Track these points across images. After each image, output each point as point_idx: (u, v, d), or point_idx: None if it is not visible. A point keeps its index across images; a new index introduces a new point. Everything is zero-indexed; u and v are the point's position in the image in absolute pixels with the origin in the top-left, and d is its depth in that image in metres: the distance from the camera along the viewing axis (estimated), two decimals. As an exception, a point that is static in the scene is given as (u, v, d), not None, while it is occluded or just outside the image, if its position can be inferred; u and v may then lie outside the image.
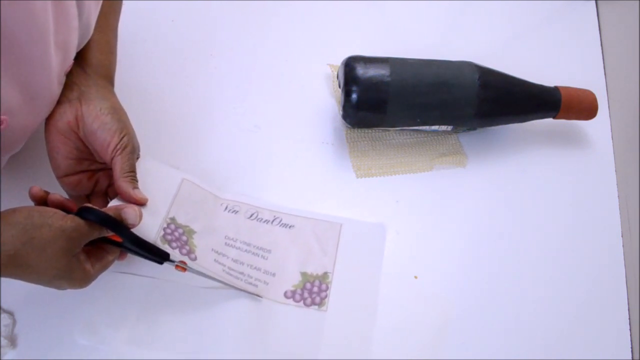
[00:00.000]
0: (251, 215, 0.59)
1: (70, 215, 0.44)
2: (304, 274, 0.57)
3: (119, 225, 0.47)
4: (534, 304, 0.59)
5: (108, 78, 0.55)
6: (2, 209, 0.55)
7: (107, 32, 0.56)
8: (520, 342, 0.57)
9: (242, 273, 0.55)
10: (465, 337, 0.56)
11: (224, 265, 0.55)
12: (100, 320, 0.52)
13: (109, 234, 0.47)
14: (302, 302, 0.55)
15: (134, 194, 0.50)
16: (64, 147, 0.51)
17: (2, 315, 0.51)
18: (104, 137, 0.50)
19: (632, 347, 0.58)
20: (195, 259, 0.53)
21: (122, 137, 0.50)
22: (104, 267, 0.48)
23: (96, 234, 0.46)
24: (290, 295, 0.56)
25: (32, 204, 0.48)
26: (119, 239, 0.47)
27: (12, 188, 0.58)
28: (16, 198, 0.57)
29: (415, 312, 0.57)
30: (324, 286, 0.56)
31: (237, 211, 0.59)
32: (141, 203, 0.51)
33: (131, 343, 0.52)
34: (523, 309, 0.58)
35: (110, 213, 0.47)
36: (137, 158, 0.54)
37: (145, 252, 0.49)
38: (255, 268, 0.56)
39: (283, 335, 0.53)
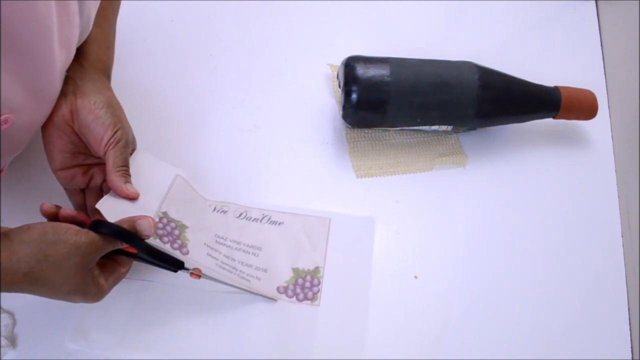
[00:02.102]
0: (240, 215, 0.60)
1: (84, 230, 0.44)
2: (295, 270, 0.57)
3: (134, 237, 0.46)
4: (534, 303, 0.59)
5: (105, 72, 0.55)
6: (3, 209, 0.56)
7: (105, 27, 0.56)
8: (520, 342, 0.57)
9: (234, 268, 0.55)
10: (465, 337, 0.56)
11: (217, 260, 0.55)
12: (89, 324, 0.52)
13: (123, 246, 0.47)
14: (294, 297, 0.55)
15: (125, 188, 0.50)
16: (58, 141, 0.51)
17: (2, 315, 0.51)
18: (97, 130, 0.50)
19: (632, 347, 0.58)
20: (187, 253, 0.52)
21: (116, 131, 0.50)
22: (117, 280, 0.48)
23: (110, 247, 0.46)
24: (283, 290, 0.56)
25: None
26: (133, 250, 0.47)
27: (13, 187, 0.58)
28: (17, 197, 0.57)
29: (415, 312, 0.57)
30: (315, 281, 0.57)
31: (226, 211, 0.59)
32: (132, 198, 0.50)
33: (121, 346, 0.51)
34: (523, 309, 0.58)
35: (124, 225, 0.46)
36: (133, 151, 0.54)
37: (160, 261, 0.48)
38: (246, 265, 0.56)
39: (277, 330, 0.53)
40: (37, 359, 0.51)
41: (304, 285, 0.56)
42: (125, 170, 0.50)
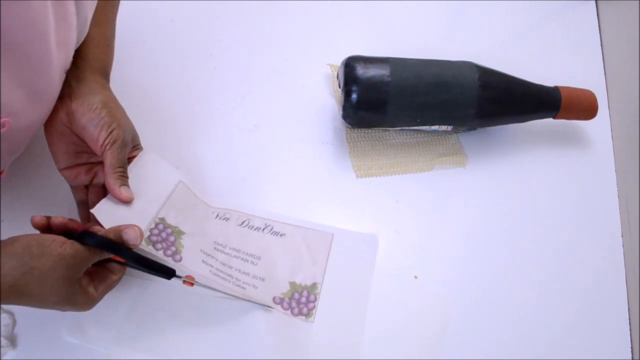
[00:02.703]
0: (242, 223, 0.59)
1: (70, 242, 0.44)
2: (292, 284, 0.56)
3: (120, 248, 0.46)
4: (534, 303, 0.59)
5: (102, 71, 0.54)
6: (3, 209, 0.56)
7: (103, 25, 0.56)
8: (520, 342, 0.57)
9: (230, 275, 0.55)
10: (465, 337, 0.56)
11: (212, 267, 0.54)
12: (88, 318, 0.52)
13: (111, 255, 0.47)
14: (289, 310, 0.55)
15: (119, 192, 0.50)
16: (60, 143, 0.51)
17: (2, 315, 0.51)
18: (92, 131, 0.49)
19: (632, 347, 0.58)
20: (180, 260, 0.52)
21: (111, 132, 0.49)
22: (109, 288, 0.48)
23: (96, 257, 0.46)
24: (279, 302, 0.55)
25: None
26: (122, 259, 0.47)
27: (14, 187, 0.58)
28: (19, 197, 0.57)
29: (415, 312, 0.57)
30: (312, 297, 0.56)
31: (228, 218, 0.59)
32: (126, 201, 0.50)
33: (117, 344, 0.51)
34: (523, 309, 0.58)
35: (111, 235, 0.46)
36: (139, 150, 0.54)
37: (150, 269, 0.48)
38: (244, 273, 0.56)
39: (269, 341, 0.53)
40: (37, 359, 0.51)
41: (300, 300, 0.55)
42: (121, 171, 0.50)
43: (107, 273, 0.48)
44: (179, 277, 0.50)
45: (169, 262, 0.51)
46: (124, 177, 0.50)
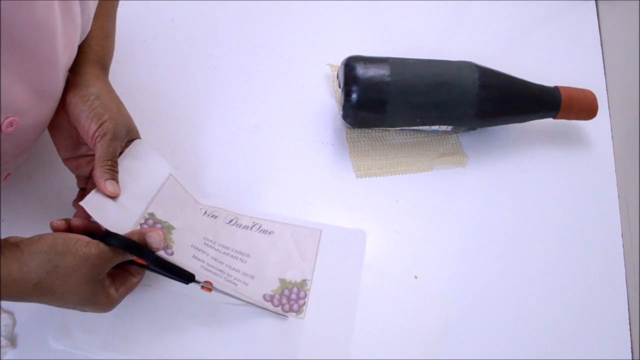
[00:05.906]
0: (230, 221, 0.59)
1: (94, 242, 0.44)
2: (282, 281, 0.56)
3: (143, 250, 0.47)
4: (534, 303, 0.59)
5: (98, 62, 0.54)
6: (5, 209, 0.56)
7: (102, 18, 0.55)
8: (520, 341, 0.57)
9: (221, 271, 0.54)
10: (465, 337, 0.56)
11: (203, 262, 0.54)
12: (74, 323, 0.51)
13: (133, 257, 0.47)
14: (280, 307, 0.55)
15: (105, 186, 0.49)
16: (59, 135, 0.52)
17: (2, 315, 0.51)
18: (83, 124, 0.49)
19: (632, 347, 0.58)
20: (172, 254, 0.52)
21: (102, 124, 0.49)
22: (129, 290, 0.48)
23: (120, 258, 0.46)
24: (269, 299, 0.55)
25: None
26: (143, 262, 0.48)
27: (15, 187, 0.58)
28: (22, 197, 0.57)
29: (416, 312, 0.57)
30: (302, 293, 0.56)
31: (216, 216, 0.59)
32: (111, 196, 0.50)
33: (104, 349, 0.51)
34: (523, 309, 0.58)
35: (134, 237, 0.47)
36: (133, 140, 0.54)
37: (170, 273, 0.49)
38: (234, 269, 0.56)
39: (259, 339, 0.53)
40: (37, 359, 0.51)
41: (290, 297, 0.55)
42: (110, 165, 0.50)
43: (128, 275, 0.48)
44: (197, 282, 0.50)
45: (163, 256, 0.51)
46: (111, 171, 0.50)
